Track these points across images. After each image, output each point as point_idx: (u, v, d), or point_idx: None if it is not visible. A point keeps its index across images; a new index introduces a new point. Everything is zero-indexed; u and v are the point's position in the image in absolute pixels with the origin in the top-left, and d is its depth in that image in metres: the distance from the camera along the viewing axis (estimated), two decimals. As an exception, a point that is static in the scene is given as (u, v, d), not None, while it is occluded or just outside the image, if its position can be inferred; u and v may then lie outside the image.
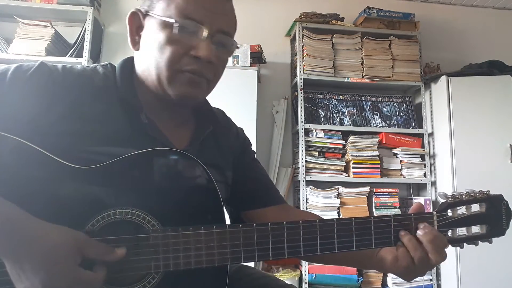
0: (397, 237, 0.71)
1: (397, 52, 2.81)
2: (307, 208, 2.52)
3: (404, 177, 2.71)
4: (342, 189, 2.58)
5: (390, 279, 2.52)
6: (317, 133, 2.65)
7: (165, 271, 0.63)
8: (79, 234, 0.58)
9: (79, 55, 2.50)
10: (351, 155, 2.63)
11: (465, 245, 0.74)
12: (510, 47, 3.14)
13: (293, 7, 2.93)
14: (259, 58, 2.67)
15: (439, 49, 3.12)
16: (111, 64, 0.79)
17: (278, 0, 3.04)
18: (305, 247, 0.67)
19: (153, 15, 0.72)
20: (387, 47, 2.80)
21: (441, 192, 0.75)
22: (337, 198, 2.55)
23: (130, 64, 0.78)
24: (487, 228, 0.74)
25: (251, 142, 0.96)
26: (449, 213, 0.73)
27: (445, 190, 1.00)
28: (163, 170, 0.66)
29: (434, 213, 0.73)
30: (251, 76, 2.56)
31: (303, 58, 2.73)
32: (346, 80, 2.72)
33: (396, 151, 2.74)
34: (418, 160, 2.73)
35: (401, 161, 2.73)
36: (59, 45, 2.56)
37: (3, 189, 0.56)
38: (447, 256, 0.70)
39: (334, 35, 2.76)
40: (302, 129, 2.62)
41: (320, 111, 2.76)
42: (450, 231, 0.73)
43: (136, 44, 0.76)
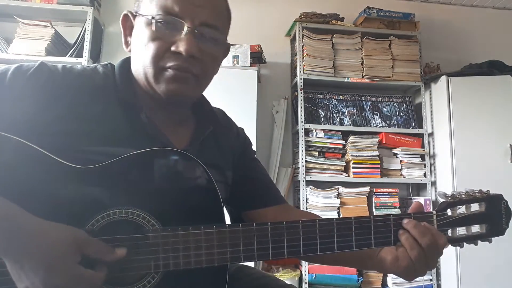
0: (396, 237, 0.71)
1: (397, 52, 2.81)
2: (307, 208, 2.52)
3: (404, 177, 2.71)
4: (342, 189, 2.58)
5: (390, 279, 2.52)
6: (317, 133, 2.65)
7: (164, 271, 0.63)
8: (78, 232, 0.58)
9: (79, 55, 2.50)
10: (351, 155, 2.63)
11: (465, 244, 0.74)
12: (510, 47, 3.14)
13: (293, 7, 2.93)
14: (259, 58, 2.66)
15: (439, 49, 3.11)
16: (111, 64, 0.79)
17: (278, 0, 3.04)
18: (304, 247, 0.67)
19: (139, 15, 0.73)
20: (387, 47, 2.80)
21: (441, 191, 0.75)
22: (337, 198, 2.55)
23: (128, 64, 0.78)
24: (487, 227, 0.74)
25: (251, 142, 0.96)
26: (449, 213, 0.73)
27: (445, 190, 1.00)
28: (163, 170, 0.66)
29: (433, 212, 0.73)
30: (251, 76, 2.55)
31: (303, 58, 2.73)
32: (346, 80, 2.72)
33: (396, 151, 2.74)
34: (418, 160, 2.73)
35: (401, 161, 2.73)
36: (59, 45, 2.56)
37: (2, 188, 0.56)
38: (447, 255, 0.70)
39: (334, 35, 2.76)
40: (302, 129, 2.62)
41: (320, 111, 2.76)
42: (449, 230, 0.73)
43: (128, 45, 0.77)
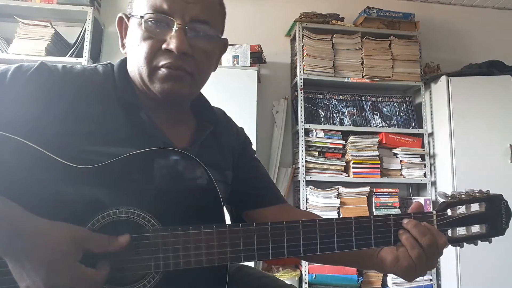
0: (397, 237, 0.71)
1: (397, 52, 2.81)
2: (307, 208, 2.52)
3: (404, 177, 2.71)
4: (342, 189, 2.58)
5: (390, 279, 2.52)
6: (317, 133, 2.65)
7: (165, 271, 0.63)
8: (78, 229, 0.58)
9: (79, 55, 2.50)
10: (351, 155, 2.63)
11: (465, 244, 0.74)
12: (510, 47, 3.14)
13: (293, 7, 2.93)
14: (259, 58, 2.66)
15: (439, 49, 3.11)
16: (111, 63, 0.79)
17: (278, 0, 3.04)
18: (305, 247, 0.67)
19: (132, 16, 0.73)
20: (387, 47, 2.80)
21: (441, 191, 0.75)
22: (337, 198, 2.55)
23: (125, 64, 0.78)
24: (487, 227, 0.74)
25: (251, 141, 0.96)
26: (449, 213, 0.73)
27: (445, 190, 1.00)
28: (163, 169, 0.66)
29: (433, 212, 0.73)
30: (251, 76, 2.55)
31: (303, 58, 2.73)
32: (346, 80, 2.72)
33: (396, 151, 2.74)
34: (418, 160, 2.73)
35: (401, 161, 2.73)
36: (59, 45, 2.56)
37: (2, 188, 0.56)
38: (447, 255, 0.70)
39: (334, 35, 2.76)
40: (302, 129, 2.62)
41: (320, 111, 2.76)
42: (449, 230, 0.73)
43: (125, 47, 0.77)
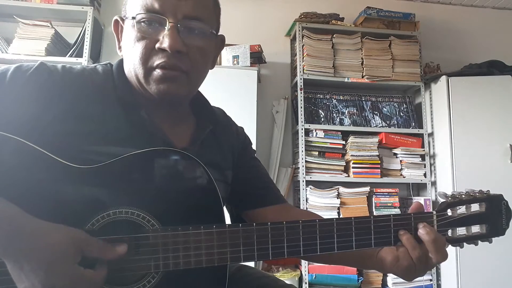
0: (397, 237, 0.70)
1: (397, 52, 2.80)
2: (307, 208, 2.52)
3: (404, 177, 2.71)
4: (342, 189, 2.58)
5: (390, 279, 2.52)
6: (317, 133, 2.65)
7: (164, 271, 0.63)
8: (78, 232, 0.57)
9: (79, 55, 2.50)
10: (351, 155, 2.63)
11: (465, 244, 0.74)
12: (510, 47, 3.14)
13: (293, 7, 2.93)
14: (259, 58, 2.66)
15: (439, 49, 3.11)
16: (110, 63, 0.79)
17: (278, 0, 3.04)
18: (304, 247, 0.67)
19: (125, 18, 0.74)
20: (387, 47, 2.80)
21: (441, 191, 0.75)
22: (337, 198, 2.55)
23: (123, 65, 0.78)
24: (487, 227, 0.74)
25: (251, 141, 0.96)
26: (449, 213, 0.73)
27: (445, 190, 1.00)
28: (163, 169, 0.66)
29: (433, 212, 0.72)
30: (251, 76, 2.55)
31: (303, 58, 2.73)
32: (346, 80, 2.72)
33: (396, 151, 2.74)
34: (418, 160, 2.73)
35: (401, 161, 2.73)
36: (59, 45, 2.56)
37: (2, 188, 0.56)
38: (448, 255, 0.70)
39: (334, 35, 2.76)
40: (302, 129, 2.62)
41: (320, 111, 2.76)
42: (450, 230, 0.73)
43: (121, 49, 0.77)
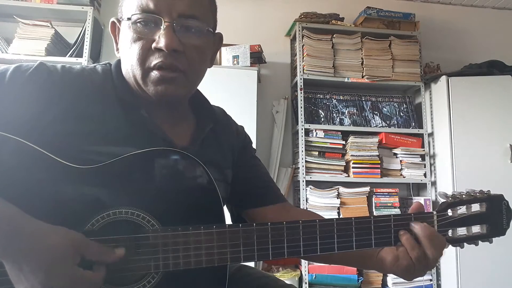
0: (397, 237, 0.70)
1: (397, 52, 2.80)
2: (307, 208, 2.51)
3: (404, 177, 2.71)
4: (342, 189, 2.58)
5: (390, 279, 2.52)
6: (317, 133, 2.65)
7: (164, 271, 0.63)
8: (77, 234, 0.57)
9: (79, 55, 2.50)
10: (351, 155, 2.62)
11: (465, 245, 0.74)
12: (510, 47, 3.14)
13: (293, 7, 2.93)
14: (259, 58, 2.66)
15: (439, 49, 3.11)
16: (110, 63, 0.79)
17: (278, 0, 3.04)
18: (305, 247, 0.67)
19: (122, 19, 0.73)
20: (387, 47, 2.80)
21: (441, 191, 0.75)
22: (337, 198, 2.55)
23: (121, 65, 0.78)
24: (488, 228, 0.74)
25: (251, 140, 0.96)
26: (449, 213, 0.73)
27: (445, 190, 1.00)
28: (163, 169, 0.66)
29: (434, 212, 0.72)
30: (251, 76, 2.55)
31: (303, 58, 2.73)
32: (346, 80, 2.72)
33: (396, 151, 2.74)
34: (418, 160, 2.73)
35: (401, 161, 2.73)
36: (59, 45, 2.56)
37: (1, 188, 0.56)
38: (447, 255, 0.70)
39: (334, 35, 2.76)
40: (302, 129, 2.62)
41: (320, 111, 2.76)
42: (450, 231, 0.73)
43: (119, 51, 0.77)
